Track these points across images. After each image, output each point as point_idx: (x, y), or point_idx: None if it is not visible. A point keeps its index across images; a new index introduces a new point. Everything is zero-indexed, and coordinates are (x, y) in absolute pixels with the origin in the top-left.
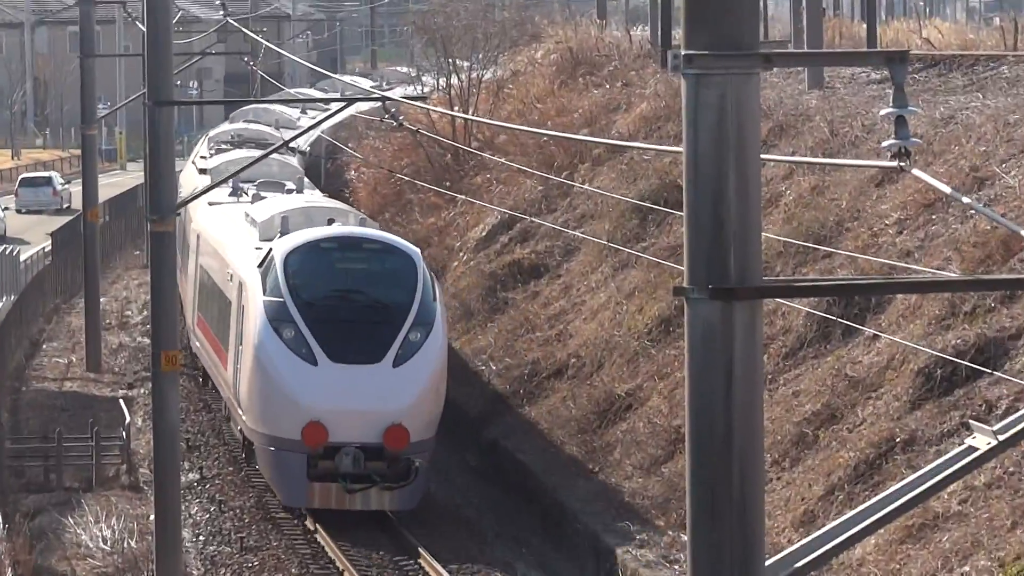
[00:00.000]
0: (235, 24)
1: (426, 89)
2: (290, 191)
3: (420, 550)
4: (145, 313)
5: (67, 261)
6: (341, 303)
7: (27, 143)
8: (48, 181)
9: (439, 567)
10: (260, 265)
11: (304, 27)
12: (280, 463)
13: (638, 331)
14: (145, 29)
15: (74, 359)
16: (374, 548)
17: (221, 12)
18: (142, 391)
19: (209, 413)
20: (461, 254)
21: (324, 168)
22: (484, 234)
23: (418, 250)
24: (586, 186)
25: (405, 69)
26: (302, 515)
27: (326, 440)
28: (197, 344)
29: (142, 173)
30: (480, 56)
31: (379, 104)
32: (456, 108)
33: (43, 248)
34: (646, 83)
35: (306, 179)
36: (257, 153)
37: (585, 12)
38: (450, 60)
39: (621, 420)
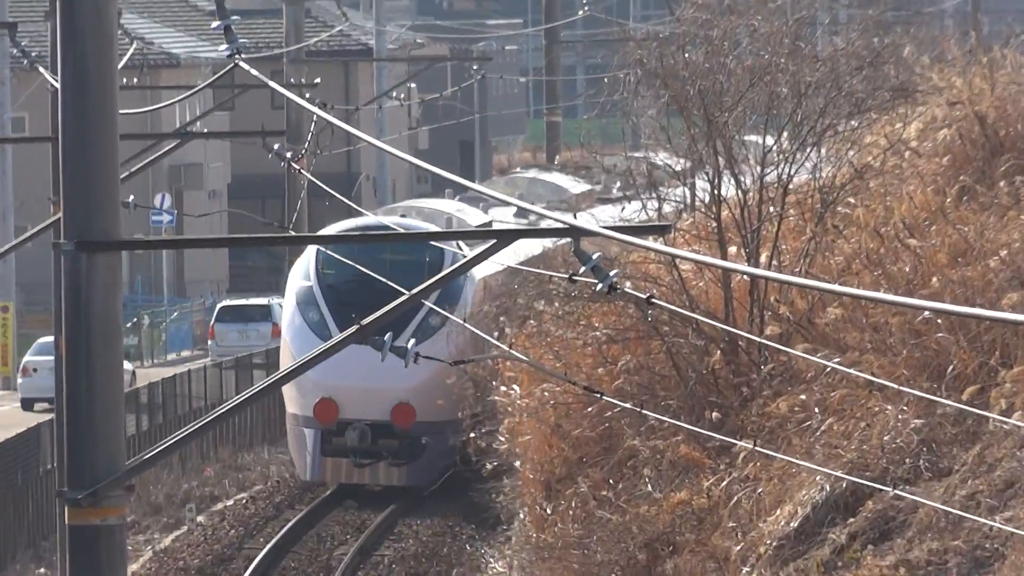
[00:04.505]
0: (256, 75)
1: (668, 209)
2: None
3: None
4: None
5: None
6: (363, 288)
7: None
8: (266, 313)
9: None
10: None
11: (403, 75)
12: (297, 438)
13: None
14: (59, 84)
15: None
16: None
17: (225, 46)
18: None
19: None
20: (745, 569)
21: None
22: (795, 525)
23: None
24: (1016, 420)
25: (613, 163)
26: None
27: (337, 416)
28: None
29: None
30: (785, 136)
31: (565, 241)
32: (734, 251)
33: None
34: None
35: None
36: None
37: (1009, 36)
38: (719, 144)
39: None
